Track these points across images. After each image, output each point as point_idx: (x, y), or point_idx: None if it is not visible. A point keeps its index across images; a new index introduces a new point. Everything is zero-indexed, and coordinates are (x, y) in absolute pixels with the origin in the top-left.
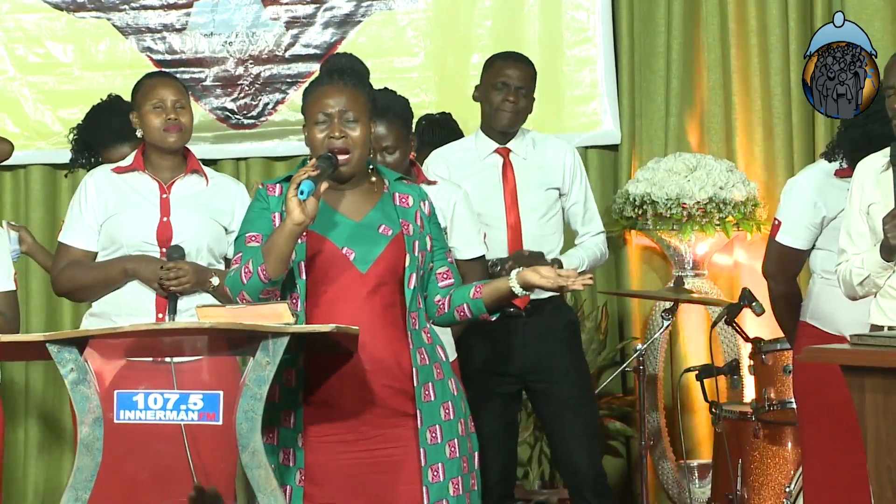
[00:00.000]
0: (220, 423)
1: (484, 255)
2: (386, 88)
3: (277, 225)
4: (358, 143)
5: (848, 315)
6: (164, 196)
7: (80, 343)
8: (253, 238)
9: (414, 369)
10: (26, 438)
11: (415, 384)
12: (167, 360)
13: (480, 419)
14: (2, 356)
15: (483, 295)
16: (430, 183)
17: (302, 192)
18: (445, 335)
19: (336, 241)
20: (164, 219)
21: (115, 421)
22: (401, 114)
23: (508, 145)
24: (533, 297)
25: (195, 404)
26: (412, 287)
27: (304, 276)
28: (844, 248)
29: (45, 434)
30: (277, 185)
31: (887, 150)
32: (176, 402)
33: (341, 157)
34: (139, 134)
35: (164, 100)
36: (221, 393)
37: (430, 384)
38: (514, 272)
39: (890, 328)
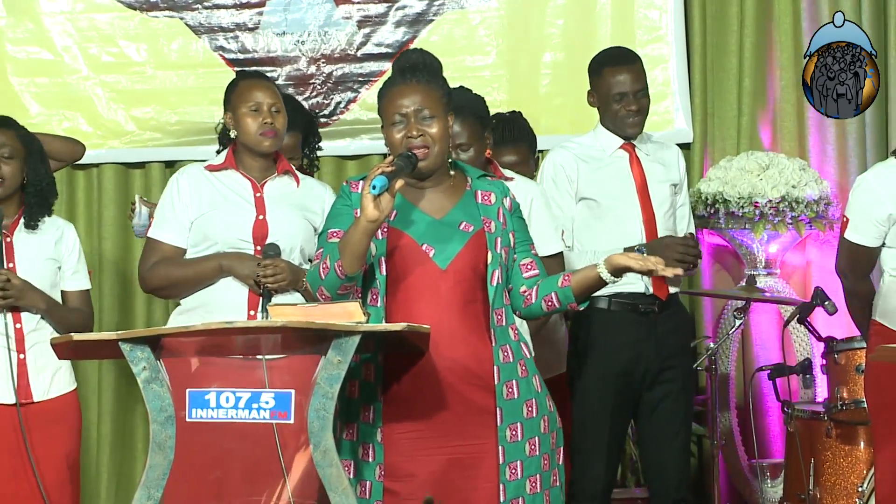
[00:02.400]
0: (292, 421)
1: (561, 252)
2: (461, 87)
3: None
4: (437, 139)
5: None
6: (258, 195)
7: (153, 342)
8: (334, 234)
9: (496, 367)
10: (99, 436)
11: (496, 381)
12: (248, 357)
13: (596, 416)
14: (75, 354)
15: (572, 283)
16: (506, 179)
17: (374, 188)
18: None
19: (416, 237)
20: (261, 217)
21: (188, 420)
22: (475, 111)
23: (632, 141)
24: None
25: (267, 403)
26: (495, 284)
27: (384, 272)
28: None
29: (117, 430)
30: (360, 181)
31: None
32: (248, 401)
33: (420, 153)
34: (232, 135)
35: (261, 103)
36: (293, 391)
37: (513, 381)
38: (602, 259)
39: None
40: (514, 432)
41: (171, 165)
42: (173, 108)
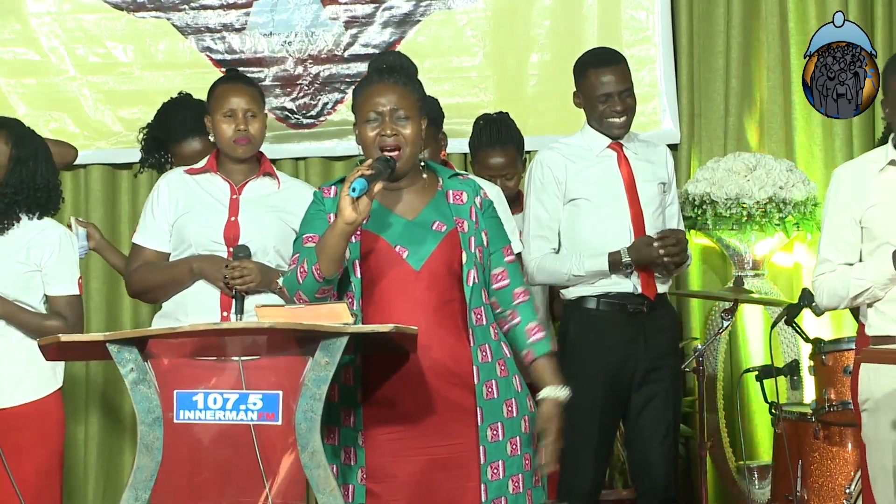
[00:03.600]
0: (280, 423)
1: (519, 254)
2: None
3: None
4: (409, 140)
5: None
6: (234, 197)
7: (141, 343)
8: (310, 239)
9: (475, 367)
10: (86, 437)
11: (476, 381)
12: (234, 358)
13: (586, 417)
14: (63, 356)
15: (533, 367)
16: None
17: (354, 190)
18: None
19: (389, 239)
20: (232, 218)
21: (175, 421)
22: (428, 112)
23: (619, 140)
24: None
25: (255, 404)
26: (472, 284)
27: (359, 275)
28: (829, 257)
29: (105, 432)
30: (332, 187)
31: (872, 155)
32: (235, 402)
33: (394, 156)
34: (212, 138)
35: (236, 109)
36: (281, 393)
37: (492, 381)
38: (543, 394)
39: None
40: (494, 432)
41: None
42: None
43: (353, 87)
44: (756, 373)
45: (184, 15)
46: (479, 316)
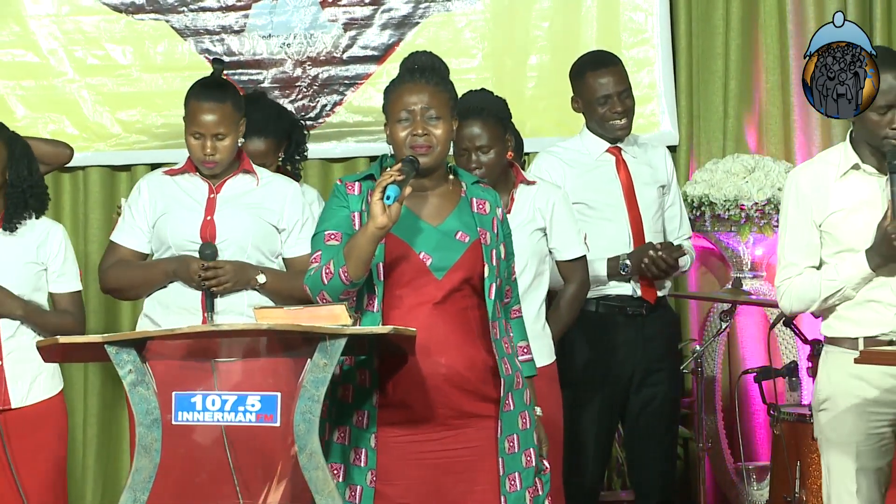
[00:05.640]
0: (278, 424)
1: (584, 256)
2: (483, 89)
3: (358, 225)
4: (440, 141)
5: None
6: (212, 196)
7: (139, 344)
8: (332, 236)
9: (502, 380)
10: (85, 438)
11: (501, 393)
12: (232, 359)
13: (585, 418)
14: (61, 358)
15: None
16: (529, 183)
17: (388, 197)
18: (545, 338)
19: (414, 245)
20: (208, 217)
21: (173, 422)
22: (495, 113)
23: (618, 144)
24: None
25: (253, 406)
26: (493, 297)
27: (382, 278)
28: (794, 261)
29: (103, 434)
30: (357, 182)
31: (830, 156)
32: (234, 404)
33: (422, 150)
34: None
35: (204, 133)
36: (279, 394)
37: (510, 394)
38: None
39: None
40: (511, 444)
41: (156, 168)
42: (159, 110)
43: (354, 89)
44: (755, 374)
45: (182, 17)
46: (496, 329)
